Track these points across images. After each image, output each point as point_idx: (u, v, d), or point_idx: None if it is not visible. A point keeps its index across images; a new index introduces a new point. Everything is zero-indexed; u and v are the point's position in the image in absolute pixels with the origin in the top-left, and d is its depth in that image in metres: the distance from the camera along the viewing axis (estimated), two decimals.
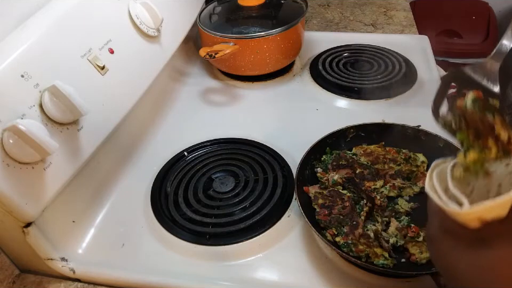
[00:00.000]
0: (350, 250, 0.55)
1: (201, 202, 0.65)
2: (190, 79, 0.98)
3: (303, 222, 0.62)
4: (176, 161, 0.74)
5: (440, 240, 0.35)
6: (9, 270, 0.60)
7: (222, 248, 0.59)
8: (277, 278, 0.57)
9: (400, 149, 0.70)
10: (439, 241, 0.35)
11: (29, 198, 0.51)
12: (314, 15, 1.21)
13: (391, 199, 0.63)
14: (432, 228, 0.36)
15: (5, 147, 0.47)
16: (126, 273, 0.58)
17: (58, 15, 0.59)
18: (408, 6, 1.22)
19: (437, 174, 0.35)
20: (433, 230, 0.36)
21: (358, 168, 0.66)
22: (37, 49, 0.54)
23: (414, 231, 0.57)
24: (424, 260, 0.53)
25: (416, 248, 0.55)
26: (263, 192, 0.65)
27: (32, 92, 0.52)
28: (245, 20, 0.93)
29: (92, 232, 0.64)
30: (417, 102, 0.84)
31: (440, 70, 0.98)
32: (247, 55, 0.88)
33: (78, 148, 0.57)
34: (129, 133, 0.76)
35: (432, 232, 0.36)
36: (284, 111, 0.86)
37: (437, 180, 0.34)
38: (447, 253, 0.34)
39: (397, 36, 1.07)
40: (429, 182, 0.35)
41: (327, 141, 0.70)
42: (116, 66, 0.65)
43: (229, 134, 0.79)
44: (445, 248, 0.34)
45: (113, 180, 0.71)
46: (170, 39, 0.81)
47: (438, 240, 0.35)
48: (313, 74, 0.94)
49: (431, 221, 0.36)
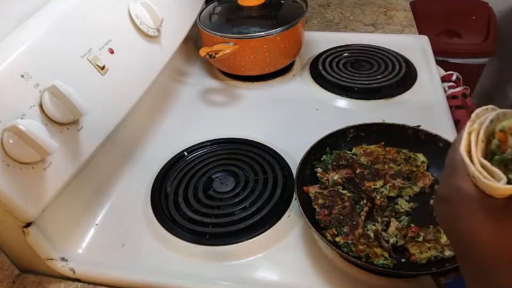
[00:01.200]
0: (350, 250, 0.55)
1: (201, 202, 0.65)
2: (190, 79, 0.98)
3: (303, 222, 0.62)
4: (176, 161, 0.74)
5: (457, 202, 0.32)
6: (9, 270, 0.60)
7: (222, 248, 0.59)
8: (277, 278, 0.57)
9: (400, 149, 0.70)
10: (455, 203, 0.32)
11: (29, 198, 0.51)
12: (314, 15, 1.21)
13: (391, 199, 0.63)
14: (448, 187, 0.33)
15: (5, 147, 0.47)
16: (126, 273, 0.58)
17: (58, 15, 0.59)
18: (408, 6, 1.22)
19: (476, 132, 0.32)
20: (450, 189, 0.33)
21: (358, 168, 0.66)
22: (37, 49, 0.54)
23: (414, 231, 0.57)
24: (424, 260, 0.53)
25: (416, 248, 0.55)
26: (263, 192, 0.65)
27: (32, 92, 0.52)
28: (245, 19, 0.93)
29: (92, 232, 0.64)
30: (417, 102, 0.84)
31: (440, 70, 0.98)
32: (247, 55, 0.88)
33: (78, 148, 0.57)
34: (129, 133, 0.76)
35: (449, 191, 0.33)
36: (283, 111, 0.86)
37: (475, 141, 0.31)
38: (465, 217, 0.32)
39: (397, 36, 1.07)
40: (465, 142, 0.32)
41: (327, 141, 0.70)
42: (116, 66, 0.65)
43: (229, 134, 0.79)
44: (463, 212, 0.32)
45: (113, 180, 0.71)
46: (170, 39, 0.81)
47: (455, 202, 0.32)
48: (313, 74, 0.94)
49: (450, 178, 0.33)
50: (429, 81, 0.89)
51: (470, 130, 0.32)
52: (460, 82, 1.52)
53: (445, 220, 0.35)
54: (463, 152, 0.31)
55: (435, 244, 0.54)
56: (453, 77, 1.51)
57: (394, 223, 0.59)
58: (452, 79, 1.51)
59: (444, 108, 0.82)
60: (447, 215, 0.34)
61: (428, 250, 0.54)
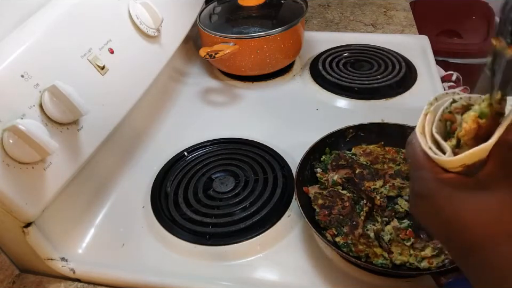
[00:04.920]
0: (349, 250, 0.55)
1: (201, 202, 0.65)
2: (190, 79, 0.98)
3: (303, 222, 0.62)
4: (176, 161, 0.74)
5: (434, 193, 0.33)
6: (9, 270, 0.60)
7: (222, 248, 0.59)
8: (277, 278, 0.57)
9: (399, 148, 0.70)
10: (433, 195, 0.33)
11: (29, 198, 0.51)
12: (314, 15, 1.21)
13: (391, 199, 0.63)
14: (419, 183, 0.34)
15: (5, 147, 0.47)
16: (126, 273, 0.58)
17: (58, 15, 0.59)
18: (408, 6, 1.22)
19: (432, 114, 0.34)
20: (422, 185, 0.34)
21: (358, 168, 0.66)
22: (37, 49, 0.54)
23: (406, 235, 0.57)
24: (398, 262, 0.53)
25: (398, 249, 0.55)
26: (263, 192, 0.65)
27: (32, 92, 0.52)
28: (245, 19, 0.93)
29: (92, 232, 0.64)
30: (417, 102, 0.84)
31: (440, 70, 0.98)
32: (247, 55, 0.88)
33: (78, 148, 0.57)
34: (129, 133, 0.76)
35: (421, 188, 0.34)
36: (283, 111, 0.86)
37: (430, 121, 0.33)
38: (446, 204, 0.32)
39: (397, 36, 1.07)
40: (420, 123, 0.34)
41: (326, 141, 0.70)
42: (116, 66, 0.65)
43: (229, 134, 0.79)
44: (442, 200, 0.32)
45: (113, 180, 0.71)
46: (170, 39, 0.81)
47: (432, 194, 0.33)
48: (313, 74, 0.94)
49: (417, 175, 0.34)
50: (429, 81, 0.89)
51: (426, 112, 0.34)
52: (460, 82, 1.53)
53: (427, 216, 0.35)
54: (417, 132, 0.33)
55: (418, 253, 0.54)
56: (453, 77, 1.51)
57: (394, 223, 0.59)
58: (452, 79, 1.51)
59: None
60: (427, 212, 0.34)
61: (408, 256, 0.54)
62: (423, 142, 0.33)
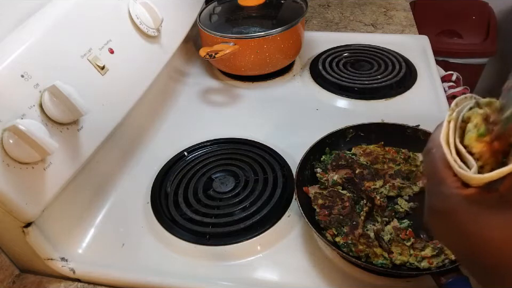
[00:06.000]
0: (349, 250, 0.55)
1: (201, 202, 0.65)
2: (190, 79, 0.98)
3: (303, 222, 0.62)
4: (176, 161, 0.74)
5: (457, 210, 0.30)
6: (9, 270, 0.60)
7: (222, 248, 0.59)
8: (277, 278, 0.57)
9: (399, 148, 0.70)
10: (455, 211, 0.30)
11: (29, 198, 0.51)
12: (314, 15, 1.21)
13: (391, 199, 0.63)
14: (439, 198, 0.31)
15: (5, 147, 0.47)
16: (126, 273, 0.58)
17: (58, 15, 0.59)
18: (408, 6, 1.22)
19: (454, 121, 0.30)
20: (442, 200, 0.31)
21: (358, 168, 0.66)
22: (37, 49, 0.54)
23: (407, 235, 0.57)
24: (398, 262, 0.53)
25: (398, 249, 0.55)
26: (263, 192, 0.65)
27: (32, 92, 0.52)
28: (245, 19, 0.93)
29: (92, 232, 0.64)
30: (417, 102, 0.84)
31: (440, 70, 0.98)
32: (247, 55, 0.88)
33: (78, 148, 0.57)
34: (129, 133, 0.76)
35: (441, 203, 0.31)
36: (283, 111, 0.86)
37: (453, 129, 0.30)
38: (469, 222, 0.29)
39: (397, 36, 1.07)
40: (444, 130, 0.30)
41: (326, 141, 0.70)
42: (116, 66, 0.65)
43: (229, 134, 0.79)
44: (465, 217, 0.29)
45: (113, 180, 0.71)
46: (170, 39, 0.81)
47: (454, 210, 0.30)
48: (313, 74, 0.94)
49: (438, 190, 0.31)
50: (429, 81, 0.89)
51: (449, 119, 0.31)
52: (460, 82, 1.53)
53: (446, 234, 0.32)
54: (442, 141, 0.30)
55: (418, 253, 0.54)
56: (453, 77, 1.51)
57: (395, 223, 0.59)
58: (452, 79, 1.51)
59: (443, 107, 0.82)
60: (447, 228, 0.32)
61: (408, 256, 0.54)
62: (448, 154, 0.30)
